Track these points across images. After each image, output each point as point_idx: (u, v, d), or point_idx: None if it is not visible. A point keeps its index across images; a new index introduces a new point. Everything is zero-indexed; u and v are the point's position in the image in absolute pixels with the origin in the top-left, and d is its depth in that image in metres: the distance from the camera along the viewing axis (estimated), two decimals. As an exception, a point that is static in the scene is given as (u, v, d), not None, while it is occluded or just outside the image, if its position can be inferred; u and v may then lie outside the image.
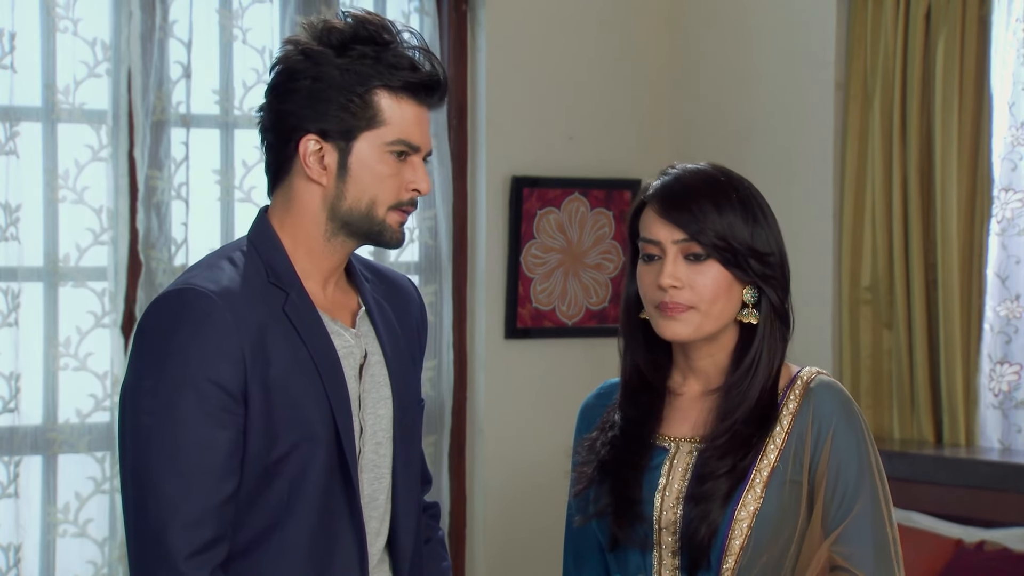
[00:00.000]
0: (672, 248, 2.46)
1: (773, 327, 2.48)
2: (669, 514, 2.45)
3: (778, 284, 2.48)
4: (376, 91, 2.43)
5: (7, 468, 4.48)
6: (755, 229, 2.46)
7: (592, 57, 5.36)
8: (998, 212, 4.66)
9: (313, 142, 2.44)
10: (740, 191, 2.48)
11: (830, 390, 2.48)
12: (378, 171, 2.44)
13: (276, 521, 2.41)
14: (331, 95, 2.43)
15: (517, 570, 5.21)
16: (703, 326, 2.46)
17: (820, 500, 2.41)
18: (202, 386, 2.34)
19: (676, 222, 2.45)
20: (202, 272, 2.43)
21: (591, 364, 5.22)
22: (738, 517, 2.41)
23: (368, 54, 2.43)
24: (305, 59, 2.44)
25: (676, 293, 2.45)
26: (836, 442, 2.42)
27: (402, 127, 2.44)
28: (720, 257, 2.44)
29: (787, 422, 2.45)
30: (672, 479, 2.47)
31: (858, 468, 2.42)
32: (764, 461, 2.43)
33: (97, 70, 4.58)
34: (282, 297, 2.44)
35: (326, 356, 2.44)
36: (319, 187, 2.46)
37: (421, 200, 5.09)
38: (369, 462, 2.51)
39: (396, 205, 2.46)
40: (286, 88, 2.45)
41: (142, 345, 2.40)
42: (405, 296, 2.66)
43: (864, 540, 2.41)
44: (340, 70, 2.42)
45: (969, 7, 4.70)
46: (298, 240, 2.48)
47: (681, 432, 2.51)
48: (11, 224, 4.46)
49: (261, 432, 2.38)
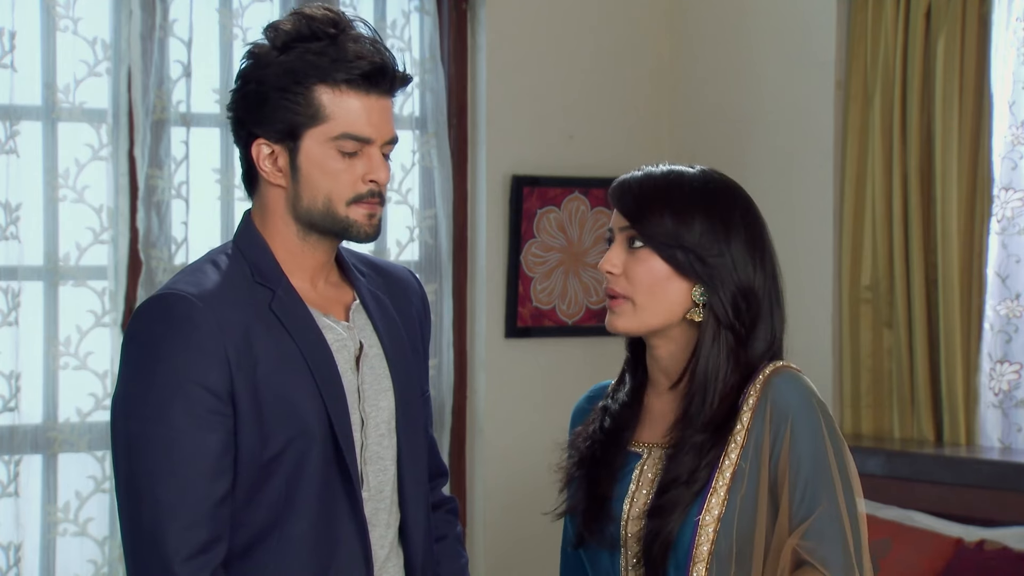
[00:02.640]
0: (619, 235, 2.46)
1: (719, 331, 2.43)
2: (635, 523, 2.44)
3: (726, 291, 2.42)
4: (315, 87, 2.41)
5: (7, 467, 4.48)
6: (707, 230, 2.41)
7: (592, 56, 5.36)
8: (998, 211, 4.66)
9: (264, 146, 2.45)
10: (709, 194, 2.44)
11: (787, 382, 2.41)
12: (328, 167, 2.43)
13: (276, 518, 2.41)
14: (271, 96, 2.42)
15: (517, 570, 5.21)
16: (643, 319, 2.44)
17: (784, 495, 2.36)
18: (189, 390, 2.35)
19: (620, 209, 2.46)
20: (185, 276, 2.45)
21: (591, 363, 5.22)
22: (703, 522, 2.37)
23: (311, 50, 2.41)
24: (251, 62, 2.45)
25: (613, 280, 2.45)
26: (794, 435, 2.37)
27: (347, 120, 2.42)
28: (656, 247, 2.42)
29: (747, 418, 2.40)
30: (640, 486, 2.46)
31: (816, 462, 2.35)
32: (727, 461, 2.39)
33: (97, 69, 4.58)
34: (268, 295, 2.44)
35: (317, 350, 2.44)
36: (280, 189, 2.47)
37: (421, 199, 5.14)
38: (373, 454, 2.51)
39: (355, 199, 2.44)
40: (237, 94, 2.47)
41: (129, 352, 2.42)
42: (405, 287, 2.66)
43: (830, 534, 2.34)
44: (279, 70, 2.41)
45: (969, 6, 4.70)
46: (276, 241, 2.49)
47: (653, 438, 2.49)
48: (11, 223, 4.46)
49: (253, 431, 2.38)
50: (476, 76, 5.20)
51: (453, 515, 2.75)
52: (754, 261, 2.44)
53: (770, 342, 2.46)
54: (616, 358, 2.61)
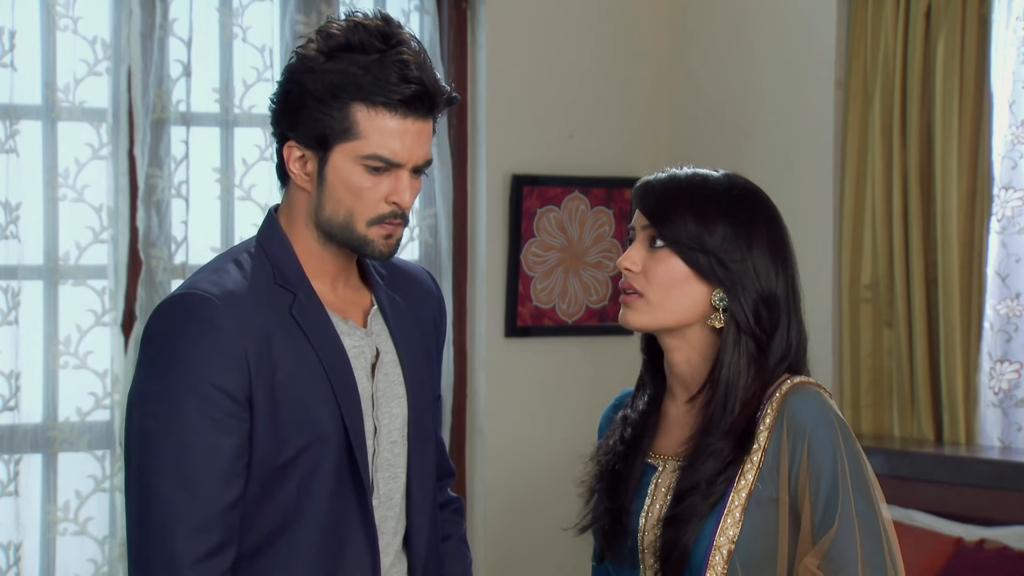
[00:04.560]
0: (640, 234, 2.45)
1: (740, 338, 2.41)
2: (650, 535, 2.43)
3: (747, 297, 2.41)
4: (352, 103, 2.38)
5: (7, 466, 4.48)
6: (730, 235, 2.40)
7: (592, 56, 5.36)
8: (998, 210, 4.66)
9: (296, 149, 2.43)
10: (733, 199, 2.43)
11: (803, 399, 2.38)
12: (354, 183, 2.41)
13: (285, 523, 2.40)
14: (308, 103, 2.40)
15: (517, 569, 5.21)
16: (657, 316, 2.43)
17: (806, 514, 2.34)
18: (206, 391, 2.33)
19: (643, 209, 2.45)
20: (207, 276, 2.43)
21: (591, 363, 5.22)
22: (718, 543, 2.35)
23: (356, 62, 2.38)
24: (297, 63, 2.43)
25: (631, 277, 2.44)
26: (812, 452, 2.35)
27: (379, 142, 2.39)
28: (677, 249, 2.41)
29: (763, 438, 2.38)
30: (655, 500, 2.44)
31: (835, 477, 2.33)
32: (742, 482, 2.37)
33: (97, 68, 4.58)
34: (289, 299, 2.43)
35: (334, 357, 2.43)
36: (306, 193, 2.45)
37: (421, 198, 5.14)
38: (384, 461, 2.50)
39: (377, 219, 2.42)
40: (279, 91, 2.45)
41: (147, 350, 2.40)
42: (422, 289, 2.64)
43: (848, 554, 2.33)
44: (322, 78, 2.38)
45: (969, 5, 4.70)
46: (299, 243, 2.47)
47: (668, 449, 2.47)
48: (11, 222, 4.46)
49: (268, 436, 2.37)
50: (476, 76, 5.20)
51: (459, 515, 2.75)
52: (776, 268, 2.44)
53: (786, 350, 2.44)
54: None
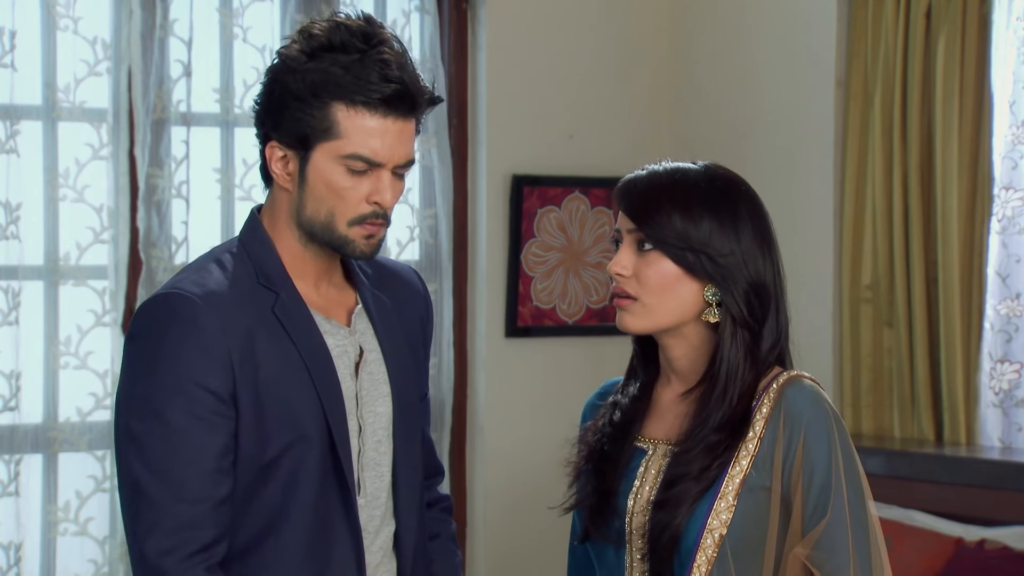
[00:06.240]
0: (627, 237, 2.45)
1: (736, 331, 2.42)
2: (639, 518, 2.43)
3: (738, 289, 2.41)
4: (333, 103, 2.39)
5: (8, 467, 4.48)
6: (716, 228, 2.40)
7: (592, 56, 5.36)
8: (998, 210, 4.66)
9: (278, 149, 2.44)
10: (715, 191, 2.43)
11: (801, 391, 2.40)
12: (334, 183, 2.41)
13: (271, 523, 2.41)
14: (289, 103, 2.40)
15: (517, 569, 5.21)
16: (654, 318, 2.43)
17: (797, 502, 2.36)
18: (191, 391, 2.35)
19: (626, 210, 2.45)
20: (190, 275, 2.44)
21: (592, 363, 5.23)
22: (710, 527, 2.37)
23: (337, 62, 2.39)
24: (280, 63, 2.44)
25: (622, 281, 2.43)
26: (807, 443, 2.36)
27: (360, 141, 2.39)
28: (666, 249, 2.41)
29: (759, 427, 2.39)
30: (644, 482, 2.45)
31: (828, 470, 2.35)
32: (736, 468, 2.38)
33: (97, 68, 4.58)
34: (272, 298, 2.43)
35: (317, 356, 2.43)
36: (288, 193, 2.46)
37: (421, 198, 5.14)
38: (370, 460, 2.51)
39: (358, 219, 2.42)
40: (262, 92, 2.46)
41: (131, 351, 2.42)
42: (408, 288, 2.65)
43: (839, 545, 2.34)
44: (303, 78, 2.39)
45: (970, 6, 4.70)
46: (281, 243, 2.48)
47: (659, 434, 2.48)
48: (11, 223, 4.47)
49: (253, 434, 2.38)
50: (476, 76, 5.20)
51: (447, 513, 2.75)
52: (763, 254, 2.44)
53: (776, 336, 2.45)
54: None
